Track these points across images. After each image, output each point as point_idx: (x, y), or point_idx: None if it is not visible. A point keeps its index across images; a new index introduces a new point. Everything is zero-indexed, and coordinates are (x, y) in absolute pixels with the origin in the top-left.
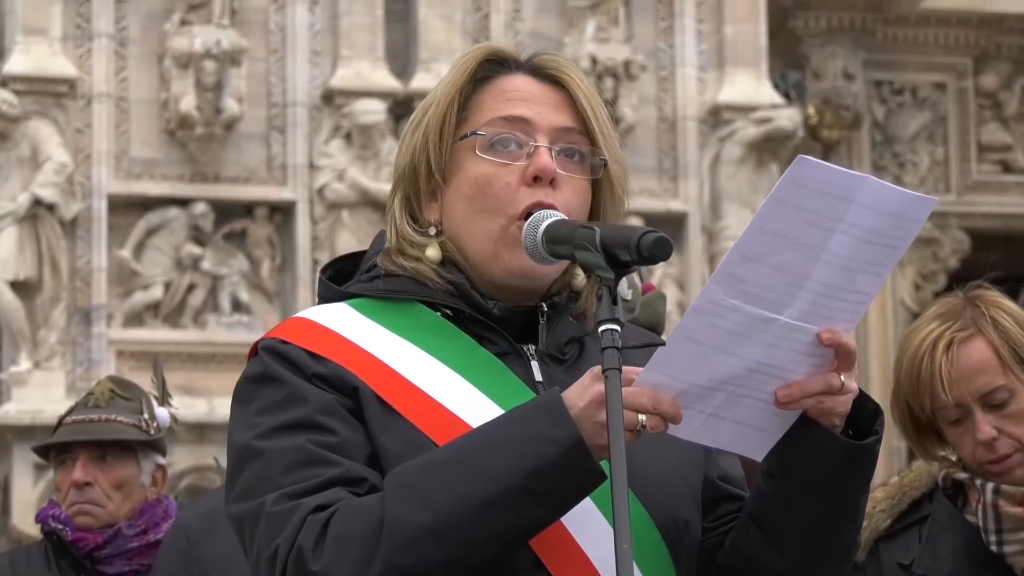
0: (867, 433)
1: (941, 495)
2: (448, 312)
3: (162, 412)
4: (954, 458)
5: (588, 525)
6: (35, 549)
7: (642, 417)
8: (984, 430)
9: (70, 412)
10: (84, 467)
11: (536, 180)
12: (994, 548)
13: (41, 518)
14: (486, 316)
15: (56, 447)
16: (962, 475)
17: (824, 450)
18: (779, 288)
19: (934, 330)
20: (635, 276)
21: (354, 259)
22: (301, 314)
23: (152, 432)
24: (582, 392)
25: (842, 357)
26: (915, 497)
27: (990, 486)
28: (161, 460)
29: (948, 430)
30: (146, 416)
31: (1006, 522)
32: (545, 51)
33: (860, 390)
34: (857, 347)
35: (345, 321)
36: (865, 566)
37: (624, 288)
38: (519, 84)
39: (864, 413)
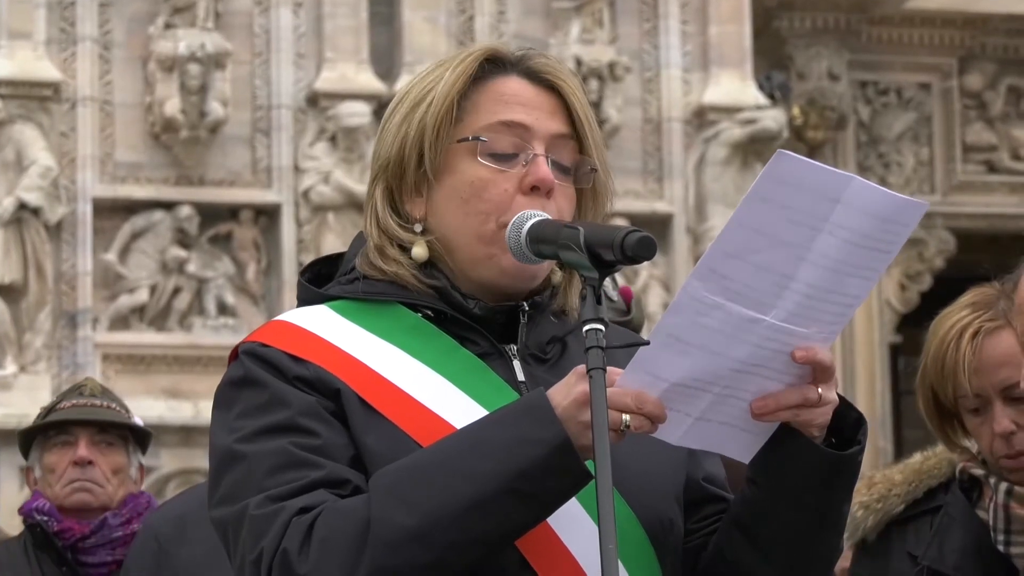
0: (851, 442)
1: (956, 487)
2: (429, 313)
3: (136, 418)
4: (975, 450)
5: (574, 525)
6: (14, 543)
7: (626, 417)
8: (1002, 422)
9: (61, 400)
10: (88, 447)
11: (533, 190)
12: (1001, 548)
13: (25, 511)
14: (467, 316)
15: (55, 429)
16: (978, 471)
17: (805, 460)
18: (763, 287)
19: (964, 318)
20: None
21: (333, 261)
22: (281, 317)
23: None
24: (567, 392)
25: (819, 372)
26: (931, 485)
27: (1003, 486)
28: (143, 460)
29: (968, 419)
30: (129, 414)
31: (1015, 523)
32: (538, 52)
33: (843, 399)
34: (833, 359)
35: (326, 324)
36: (875, 548)
37: (609, 289)
38: (515, 88)
39: (848, 422)
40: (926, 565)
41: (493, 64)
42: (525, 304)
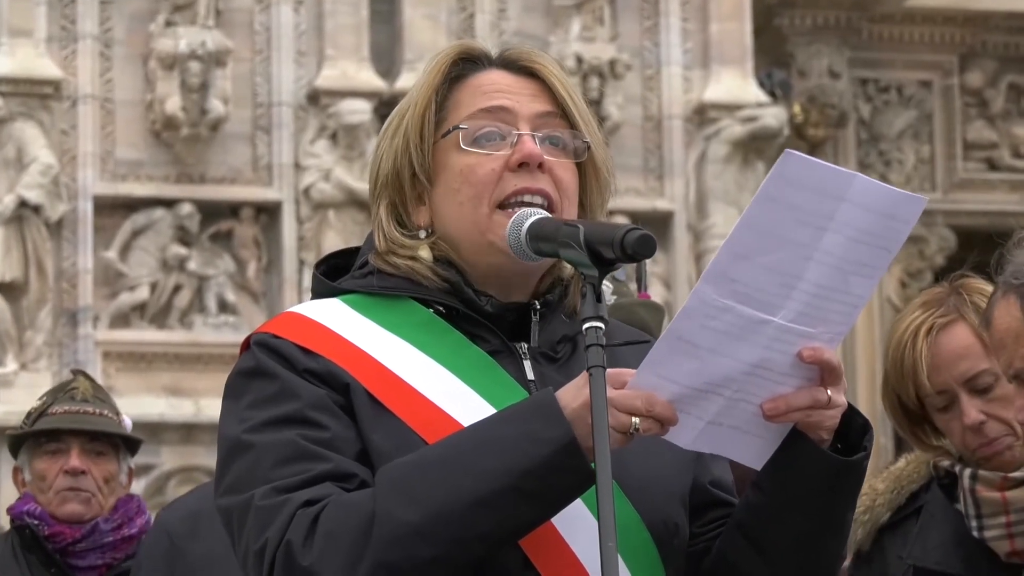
0: (856, 448)
1: (935, 485)
2: (441, 309)
3: (125, 417)
4: (954, 450)
5: (578, 525)
6: None
7: (635, 419)
8: (970, 414)
9: (52, 403)
10: (80, 456)
11: (521, 166)
12: (976, 534)
13: (15, 513)
14: (479, 313)
15: (45, 435)
16: (945, 462)
17: (812, 465)
18: (771, 288)
19: (917, 318)
20: (630, 284)
21: (348, 255)
22: (293, 309)
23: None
24: (576, 393)
25: (827, 373)
26: (913, 490)
27: (967, 472)
28: (131, 463)
29: (938, 418)
30: (119, 418)
31: (984, 507)
32: (516, 45)
33: (849, 404)
34: (840, 362)
35: (338, 317)
36: (872, 556)
37: (607, 293)
38: (494, 78)
39: (853, 427)
40: (911, 564)
41: (470, 62)
42: (537, 303)
